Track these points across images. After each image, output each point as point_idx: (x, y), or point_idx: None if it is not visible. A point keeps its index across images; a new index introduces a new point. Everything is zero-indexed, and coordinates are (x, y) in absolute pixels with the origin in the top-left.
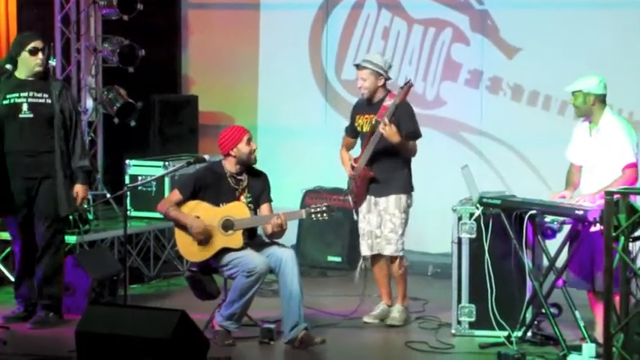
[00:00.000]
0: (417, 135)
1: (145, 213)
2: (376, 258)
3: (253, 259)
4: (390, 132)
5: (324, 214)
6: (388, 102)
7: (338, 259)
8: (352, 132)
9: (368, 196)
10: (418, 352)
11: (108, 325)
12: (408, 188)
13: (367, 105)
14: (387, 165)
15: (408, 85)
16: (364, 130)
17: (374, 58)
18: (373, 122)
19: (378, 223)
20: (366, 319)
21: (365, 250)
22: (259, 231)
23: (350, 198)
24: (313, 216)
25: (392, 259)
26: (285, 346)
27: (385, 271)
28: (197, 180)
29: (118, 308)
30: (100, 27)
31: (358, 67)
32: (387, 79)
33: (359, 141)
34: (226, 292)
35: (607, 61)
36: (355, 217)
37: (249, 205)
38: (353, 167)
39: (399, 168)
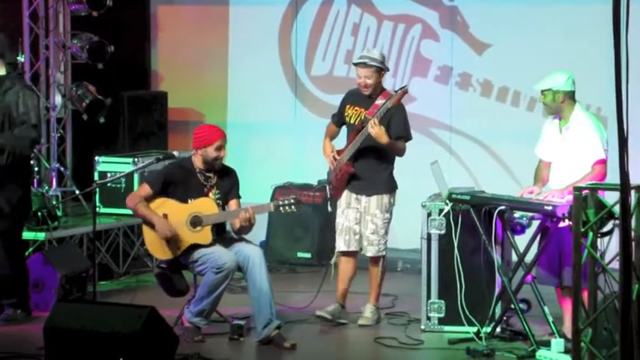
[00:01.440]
0: (407, 138)
1: (114, 209)
2: (349, 254)
3: (222, 255)
4: (378, 133)
5: (292, 207)
6: (381, 100)
7: (307, 255)
8: (339, 121)
9: (349, 193)
10: (387, 347)
11: (76, 322)
12: (391, 187)
13: (359, 98)
14: (371, 163)
15: (403, 91)
16: (352, 122)
17: (374, 54)
18: (362, 118)
19: (356, 220)
20: (318, 312)
21: (341, 246)
22: (228, 227)
23: (328, 188)
24: (281, 208)
25: (373, 259)
26: (255, 343)
27: (352, 270)
28: (167, 175)
29: (86, 304)
30: (68, 23)
31: (363, 65)
32: (387, 70)
33: (342, 131)
34: (196, 289)
35: (575, 57)
36: (329, 208)
37: (218, 201)
38: (335, 159)
39: (383, 167)
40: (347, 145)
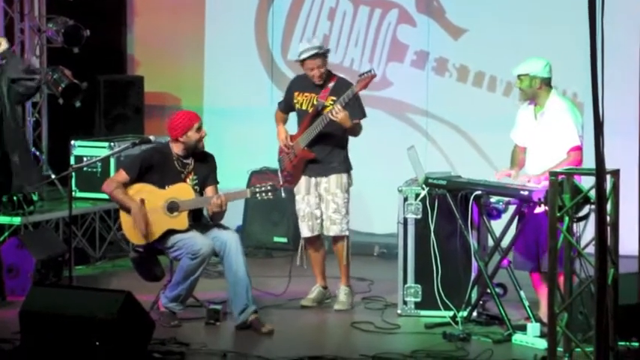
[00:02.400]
0: (363, 117)
1: (91, 194)
2: (313, 239)
3: (198, 240)
4: (343, 118)
5: (269, 193)
6: (331, 83)
7: (284, 239)
8: (285, 108)
9: (307, 177)
10: (364, 332)
11: (52, 306)
12: (347, 167)
13: (307, 83)
14: (327, 146)
15: (370, 76)
16: (304, 108)
17: (316, 43)
18: (315, 102)
19: (317, 204)
20: (303, 302)
21: (305, 232)
22: (205, 213)
23: (281, 175)
24: (258, 195)
25: (336, 239)
26: (231, 327)
27: (322, 253)
28: (144, 160)
29: (62, 289)
30: (44, 7)
31: (314, 56)
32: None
33: (290, 117)
34: (172, 274)
35: (552, 43)
36: (283, 194)
37: (195, 187)
38: (288, 145)
39: (338, 148)
40: (300, 131)
